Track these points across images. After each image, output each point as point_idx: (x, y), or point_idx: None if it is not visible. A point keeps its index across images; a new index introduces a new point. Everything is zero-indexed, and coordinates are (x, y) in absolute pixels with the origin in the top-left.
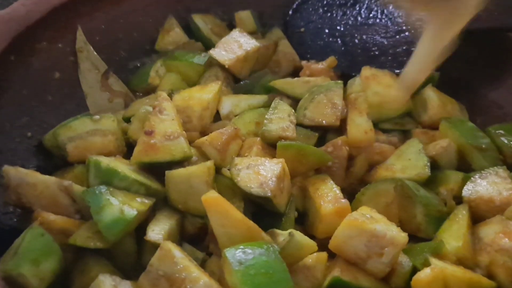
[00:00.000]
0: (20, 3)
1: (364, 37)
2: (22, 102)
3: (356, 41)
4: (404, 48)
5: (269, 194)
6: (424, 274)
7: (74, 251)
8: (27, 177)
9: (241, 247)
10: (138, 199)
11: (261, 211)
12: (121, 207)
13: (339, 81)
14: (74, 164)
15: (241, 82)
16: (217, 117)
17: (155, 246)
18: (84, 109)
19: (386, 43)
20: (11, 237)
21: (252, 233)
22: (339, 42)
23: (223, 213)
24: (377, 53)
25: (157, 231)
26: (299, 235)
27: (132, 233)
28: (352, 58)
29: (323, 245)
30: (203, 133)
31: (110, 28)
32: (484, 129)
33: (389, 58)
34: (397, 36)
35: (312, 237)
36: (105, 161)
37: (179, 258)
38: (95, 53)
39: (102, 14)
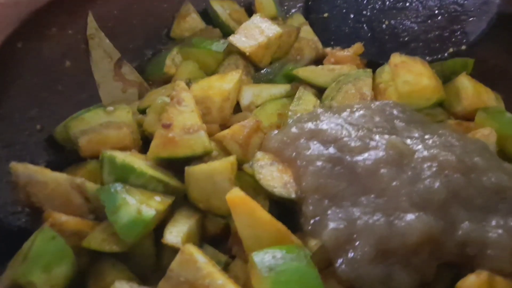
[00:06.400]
0: None
1: (393, 22)
2: (31, 92)
3: (384, 26)
4: (436, 33)
5: (293, 196)
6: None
7: (89, 254)
8: (37, 175)
9: (270, 251)
10: (157, 198)
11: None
12: (139, 206)
13: (368, 70)
14: (87, 159)
15: (262, 71)
16: (236, 108)
17: (175, 248)
18: (96, 100)
19: (416, 28)
20: (20, 239)
21: (281, 235)
22: (366, 28)
23: (249, 213)
24: (407, 39)
25: (175, 233)
26: None
27: (150, 234)
28: (380, 45)
29: None
30: (223, 125)
31: (123, 14)
32: None
33: (420, 44)
34: (429, 21)
35: None
36: (120, 156)
37: (202, 263)
38: (108, 41)
39: None
